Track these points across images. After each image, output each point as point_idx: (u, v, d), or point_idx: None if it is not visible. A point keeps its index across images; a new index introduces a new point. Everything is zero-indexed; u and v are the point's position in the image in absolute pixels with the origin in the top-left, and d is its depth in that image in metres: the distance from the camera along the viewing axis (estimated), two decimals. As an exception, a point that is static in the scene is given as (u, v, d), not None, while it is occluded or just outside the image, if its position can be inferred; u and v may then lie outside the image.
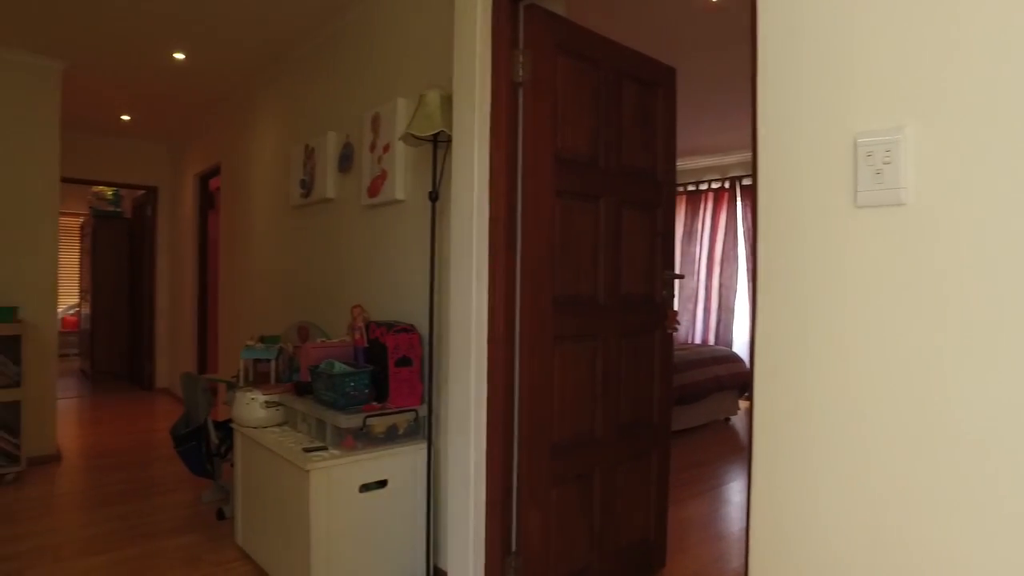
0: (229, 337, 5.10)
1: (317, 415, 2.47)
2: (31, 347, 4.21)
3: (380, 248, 3.05)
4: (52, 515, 3.32)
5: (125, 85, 4.76)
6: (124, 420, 5.53)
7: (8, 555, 2.85)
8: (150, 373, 6.97)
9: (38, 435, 4.26)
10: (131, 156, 6.71)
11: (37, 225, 4.24)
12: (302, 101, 3.91)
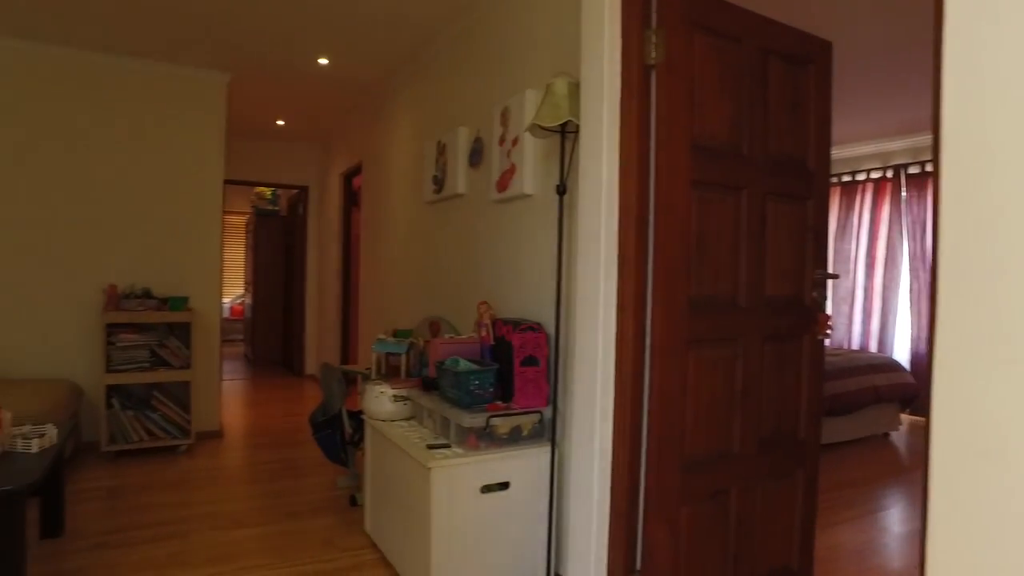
0: (368, 329, 5.33)
1: (442, 412, 2.46)
2: (199, 333, 4.63)
3: (508, 243, 3.01)
4: (213, 486, 3.62)
5: (279, 92, 5.11)
6: (277, 403, 5.96)
7: (179, 518, 3.14)
8: (300, 360, 7.49)
9: (205, 412, 4.69)
10: (286, 158, 7.23)
11: (205, 223, 4.65)
12: (435, 98, 3.97)
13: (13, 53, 4.11)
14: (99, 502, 3.39)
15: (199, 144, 4.62)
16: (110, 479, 3.76)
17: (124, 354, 4.15)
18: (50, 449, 2.63)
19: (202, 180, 4.64)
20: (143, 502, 3.37)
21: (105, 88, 4.35)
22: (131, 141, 4.44)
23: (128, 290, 4.40)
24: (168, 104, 4.53)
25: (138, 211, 4.46)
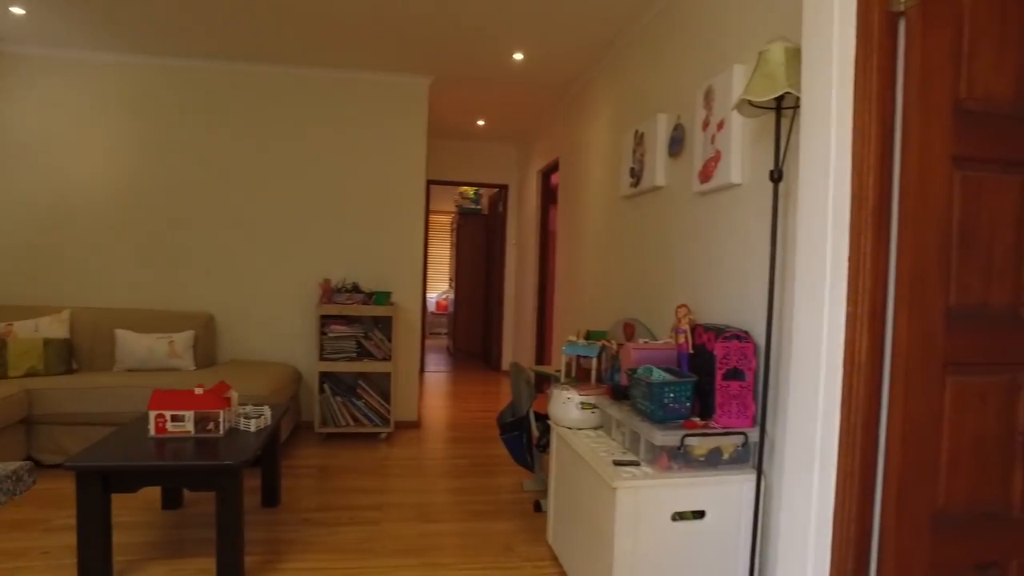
0: (562, 328, 5.24)
1: (632, 426, 2.24)
2: (400, 327, 4.87)
3: (711, 240, 2.69)
4: (407, 476, 3.74)
5: (477, 92, 5.20)
6: (474, 397, 6.12)
7: (374, 505, 3.27)
8: (497, 356, 7.66)
9: (404, 403, 4.93)
10: (486, 157, 7.42)
11: (408, 222, 4.87)
12: (632, 86, 3.73)
13: (242, 75, 4.63)
14: (310, 479, 3.66)
15: (403, 147, 4.85)
16: (320, 458, 4.06)
17: (335, 344, 4.47)
18: (265, 429, 2.85)
19: (406, 181, 4.86)
20: (345, 484, 3.58)
21: (320, 100, 4.74)
22: (343, 147, 4.78)
23: (340, 284, 4.75)
24: (374, 110, 4.81)
25: (349, 211, 4.80)
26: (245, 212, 4.69)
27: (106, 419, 3.72)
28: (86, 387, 3.73)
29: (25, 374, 3.93)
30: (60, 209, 4.54)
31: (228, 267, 4.69)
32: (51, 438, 3.73)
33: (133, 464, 2.36)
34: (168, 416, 2.69)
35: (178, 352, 4.26)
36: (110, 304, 4.61)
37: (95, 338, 4.34)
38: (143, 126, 4.59)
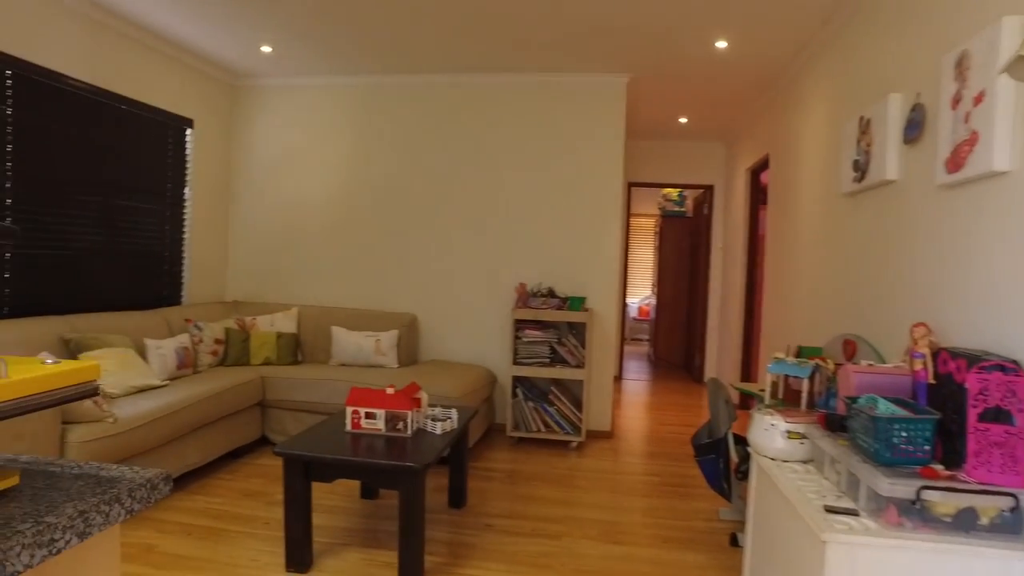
0: (769, 342, 4.74)
1: (850, 466, 1.86)
2: (595, 334, 4.74)
3: (960, 244, 2.18)
4: (595, 490, 3.60)
5: (678, 87, 4.90)
6: (673, 409, 5.80)
7: (558, 517, 3.17)
8: (699, 366, 7.21)
9: (597, 412, 4.79)
10: (691, 157, 7.02)
11: (605, 225, 4.72)
12: (854, 65, 3.20)
13: (443, 87, 4.82)
14: (497, 483, 3.66)
15: (599, 148, 4.72)
16: (509, 463, 4.06)
17: (528, 348, 4.47)
18: (450, 433, 2.88)
19: (602, 183, 4.72)
20: (532, 492, 3.52)
21: (514, 105, 4.77)
22: (538, 151, 4.77)
23: (535, 289, 4.74)
24: (570, 113, 4.73)
25: (545, 215, 4.78)
26: (446, 218, 4.89)
27: (321, 408, 4.07)
28: (306, 378, 4.12)
29: (262, 363, 4.46)
30: (292, 218, 5.11)
31: (431, 270, 4.93)
32: (279, 421, 4.18)
33: (328, 457, 2.50)
34: (362, 413, 2.83)
35: (383, 350, 4.55)
36: (329, 303, 5.08)
37: (316, 333, 4.80)
38: (360, 140, 4.99)
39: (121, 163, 4.14)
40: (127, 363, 3.49)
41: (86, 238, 3.91)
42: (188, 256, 4.79)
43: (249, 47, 4.36)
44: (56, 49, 3.59)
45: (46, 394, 0.70)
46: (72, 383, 0.74)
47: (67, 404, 2.69)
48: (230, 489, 3.42)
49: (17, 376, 0.68)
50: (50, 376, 0.71)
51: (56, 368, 0.72)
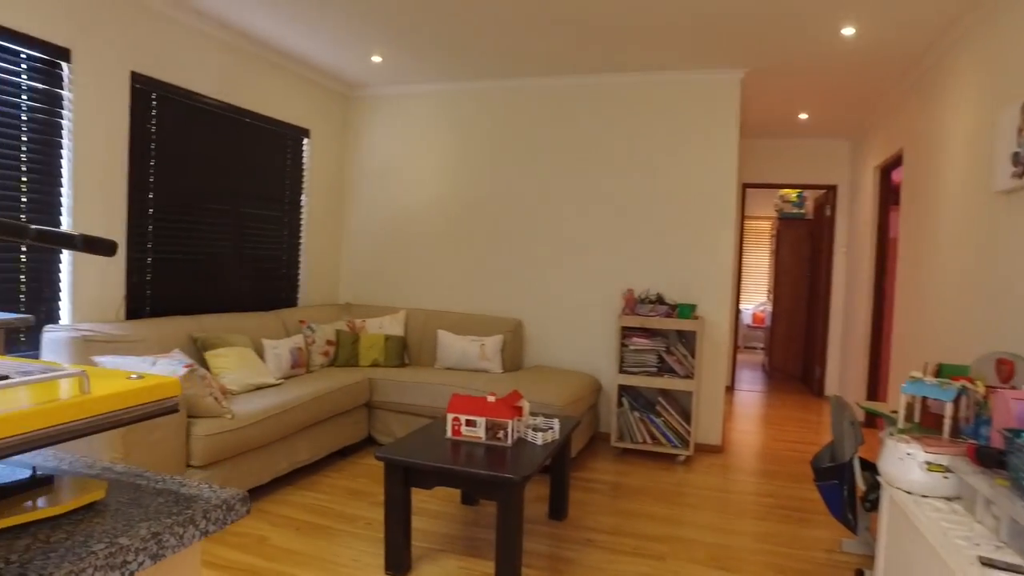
0: (902, 357, 4.31)
1: (1012, 511, 1.61)
2: (706, 343, 4.50)
3: None
4: (703, 509, 3.40)
5: (799, 81, 4.56)
6: (790, 424, 5.42)
7: (662, 536, 3.02)
8: (820, 379, 6.71)
9: (706, 425, 4.55)
10: (811, 156, 6.55)
11: (717, 229, 4.48)
12: (1013, 46, 2.82)
13: (547, 89, 4.74)
14: (599, 495, 3.55)
15: (712, 149, 4.48)
16: (613, 474, 3.93)
17: (635, 357, 4.31)
18: (551, 444, 2.81)
19: (714, 185, 4.48)
20: (635, 508, 3.38)
21: (621, 106, 4.62)
22: (646, 153, 4.60)
23: (643, 295, 4.57)
24: (679, 112, 4.53)
25: (654, 219, 4.60)
26: (552, 222, 4.83)
27: (425, 411, 4.12)
28: (411, 381, 4.19)
29: (370, 364, 4.58)
30: (401, 223, 5.23)
31: (536, 275, 4.88)
32: (385, 422, 4.27)
33: (427, 464, 2.49)
34: (463, 420, 2.81)
35: (488, 355, 4.54)
36: (435, 306, 5.15)
37: (423, 337, 4.88)
38: (466, 146, 5.03)
39: (245, 173, 4.40)
40: (246, 362, 3.68)
41: (215, 243, 4.17)
42: (304, 260, 5.02)
43: (361, 58, 4.50)
44: (192, 70, 3.85)
45: (126, 410, 0.69)
46: (153, 399, 0.72)
47: (190, 403, 2.87)
48: (337, 487, 3.52)
49: (100, 392, 0.67)
50: (131, 392, 0.70)
51: (138, 384, 0.71)
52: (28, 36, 3.00)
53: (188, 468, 2.85)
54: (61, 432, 0.63)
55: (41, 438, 0.62)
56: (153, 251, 3.74)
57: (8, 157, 2.99)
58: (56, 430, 0.63)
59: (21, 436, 0.60)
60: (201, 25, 3.87)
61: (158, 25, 3.63)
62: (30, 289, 3.13)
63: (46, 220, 3.18)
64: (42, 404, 0.63)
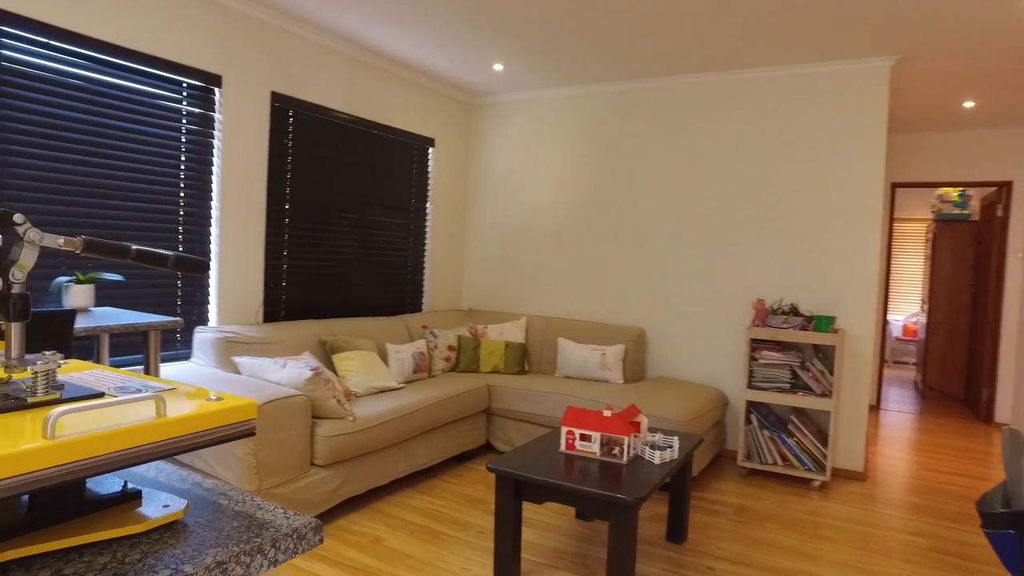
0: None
1: None
2: (846, 358, 4.12)
3: None
4: (842, 543, 3.09)
5: (963, 64, 4.04)
6: (948, 453, 4.83)
7: (794, 570, 2.77)
8: (988, 402, 5.94)
9: (846, 449, 4.15)
10: (978, 149, 5.82)
11: (861, 233, 4.08)
12: None
13: (671, 89, 4.54)
14: (723, 518, 3.33)
15: (853, 146, 4.08)
16: (738, 496, 3.68)
17: (765, 371, 4.02)
18: (669, 464, 2.66)
19: (857, 185, 4.08)
20: (763, 536, 3.13)
21: (752, 104, 4.33)
22: (779, 152, 4.28)
23: (775, 305, 4.26)
24: (816, 107, 4.16)
25: (788, 222, 4.27)
26: (675, 226, 4.63)
27: (543, 420, 4.07)
28: (530, 389, 4.16)
29: (491, 371, 4.61)
30: (523, 230, 5.24)
31: (660, 282, 4.69)
32: (503, 429, 4.28)
33: (538, 478, 2.43)
34: (577, 434, 2.73)
35: (608, 365, 4.42)
36: (556, 313, 5.10)
37: (543, 344, 4.84)
38: (586, 150, 4.95)
39: (373, 183, 4.59)
40: (370, 365, 3.82)
41: (344, 251, 4.39)
42: (428, 266, 5.16)
43: (483, 66, 4.56)
44: (323, 87, 4.08)
45: (201, 434, 0.69)
46: (230, 422, 0.72)
47: (315, 405, 3.01)
48: (453, 493, 3.56)
49: (177, 414, 0.67)
50: (207, 415, 0.69)
51: (214, 407, 0.70)
52: (188, 67, 3.30)
53: (312, 466, 2.99)
54: (133, 456, 0.64)
55: (114, 461, 0.62)
56: (288, 258, 3.99)
57: (170, 175, 3.31)
58: (128, 454, 0.63)
59: (93, 460, 0.61)
60: (332, 43, 4.08)
61: (294, 46, 3.87)
62: (185, 294, 3.43)
63: (198, 231, 3.47)
64: (120, 427, 0.64)
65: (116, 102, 3.07)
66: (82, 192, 2.97)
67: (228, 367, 3.30)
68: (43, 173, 2.84)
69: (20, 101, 2.76)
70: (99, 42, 2.95)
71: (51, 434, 0.59)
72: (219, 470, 2.79)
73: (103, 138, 3.03)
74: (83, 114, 2.95)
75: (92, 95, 2.98)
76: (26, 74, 2.76)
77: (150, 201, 3.24)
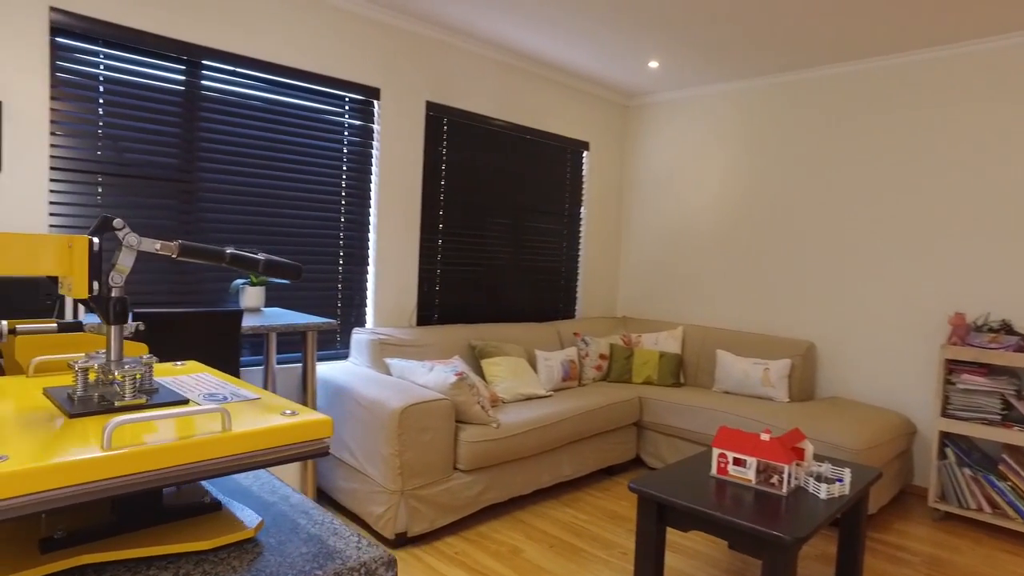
0: None
1: None
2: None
3: None
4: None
5: None
6: None
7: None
8: None
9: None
10: None
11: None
12: None
13: (846, 78, 4.02)
14: (909, 568, 2.87)
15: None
16: (930, 544, 3.16)
17: (966, 398, 3.43)
18: (838, 500, 2.33)
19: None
20: (961, 595, 2.65)
21: (938, 87, 3.71)
22: (978, 139, 3.63)
23: (980, 321, 3.63)
24: None
25: (993, 222, 3.62)
26: (850, 228, 4.12)
27: (698, 437, 3.81)
28: (685, 403, 3.91)
29: (643, 382, 4.41)
30: (680, 234, 4.96)
31: (833, 290, 4.21)
32: (655, 444, 4.06)
33: (683, 503, 2.24)
34: (730, 458, 2.48)
35: (772, 381, 4.04)
36: (715, 323, 4.77)
37: (700, 356, 4.55)
38: (749, 148, 4.57)
39: (527, 187, 4.59)
40: (519, 372, 3.80)
41: (496, 256, 4.43)
42: (582, 272, 5.07)
43: (637, 65, 4.38)
44: (476, 94, 4.14)
45: (268, 451, 0.64)
46: (300, 440, 0.67)
47: (459, 410, 3.03)
48: (597, 508, 3.42)
49: (243, 429, 0.63)
50: (274, 432, 0.65)
51: (283, 424, 0.66)
52: (350, 82, 3.50)
53: (455, 471, 3.01)
54: (193, 472, 0.61)
55: (170, 477, 0.59)
56: (441, 263, 4.09)
57: (332, 185, 3.52)
58: (187, 469, 0.60)
59: (148, 475, 0.58)
60: (484, 51, 4.13)
61: (448, 56, 3.96)
62: (344, 297, 3.63)
63: (357, 237, 3.66)
64: (180, 440, 0.61)
65: (288, 119, 3.32)
66: (260, 203, 3.25)
67: (381, 368, 3.44)
68: (230, 187, 3.14)
69: (214, 124, 3.07)
70: (275, 65, 3.21)
71: (108, 444, 0.57)
72: (368, 467, 2.90)
73: (277, 152, 3.29)
74: (261, 132, 3.23)
75: (269, 114, 3.25)
76: (219, 99, 3.07)
77: (315, 209, 3.47)
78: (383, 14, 3.58)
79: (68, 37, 2.67)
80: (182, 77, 2.96)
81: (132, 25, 2.78)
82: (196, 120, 3.01)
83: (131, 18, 2.78)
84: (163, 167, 2.93)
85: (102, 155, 2.77)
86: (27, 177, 2.59)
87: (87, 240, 0.72)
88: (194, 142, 3.01)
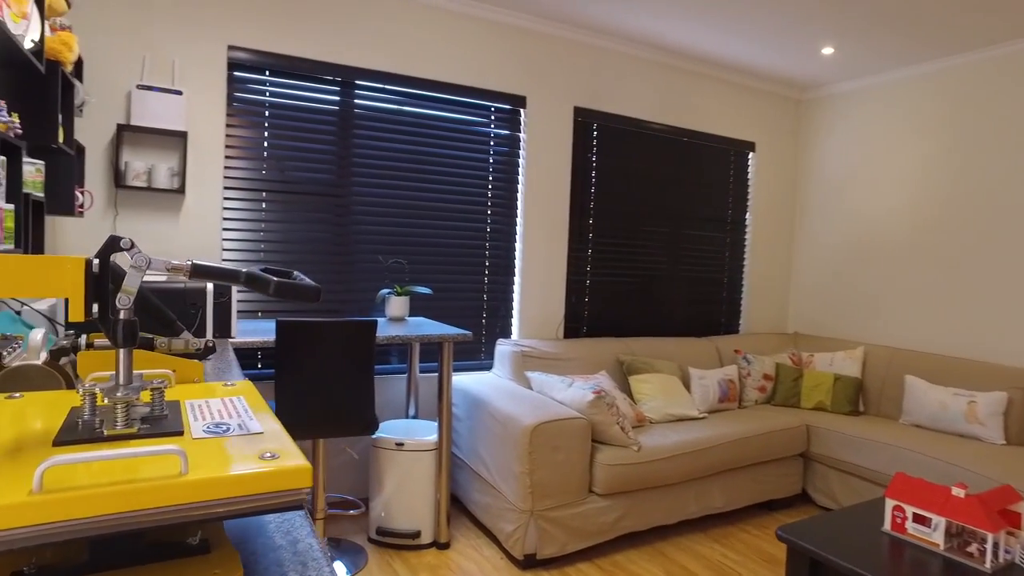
0: None
1: None
2: None
3: None
4: None
5: None
6: None
7: None
8: None
9: None
10: None
11: None
12: None
13: None
14: None
15: None
16: None
17: None
18: (1061, 579, 1.83)
19: None
20: None
21: None
22: None
23: None
24: None
25: None
26: None
27: (878, 477, 3.29)
28: (862, 436, 3.40)
29: (813, 407, 3.93)
30: (863, 240, 4.35)
31: (1067, 313, 3.43)
32: (824, 479, 3.59)
33: (842, 563, 1.89)
34: (909, 513, 2.06)
35: (979, 417, 3.38)
36: (903, 344, 4.11)
37: (885, 381, 3.95)
38: (950, 139, 3.87)
39: (684, 193, 4.30)
40: (669, 390, 3.55)
41: (650, 266, 4.19)
42: (747, 283, 4.65)
43: (808, 52, 3.91)
44: (628, 97, 3.95)
45: (231, 501, 0.57)
46: (269, 490, 0.59)
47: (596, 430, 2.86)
48: (751, 547, 3.06)
49: (198, 476, 0.57)
50: (239, 480, 0.57)
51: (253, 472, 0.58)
52: (496, 91, 3.50)
53: (590, 494, 2.85)
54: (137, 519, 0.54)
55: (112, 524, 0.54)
56: (591, 273, 3.95)
57: (479, 195, 3.54)
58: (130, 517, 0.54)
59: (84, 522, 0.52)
60: (635, 51, 3.93)
61: (596, 59, 3.82)
62: (489, 307, 3.63)
63: (503, 246, 3.64)
64: (125, 484, 0.55)
65: (435, 131, 3.39)
66: (408, 214, 3.35)
67: (522, 381, 3.37)
68: (380, 199, 3.27)
69: (366, 140, 3.22)
70: (422, 80, 3.29)
71: (38, 488, 0.52)
72: (500, 483, 2.84)
73: (425, 165, 3.37)
74: (410, 145, 3.33)
75: (417, 128, 3.34)
76: (370, 116, 3.22)
77: (462, 219, 3.50)
78: (526, 20, 3.53)
79: (242, 70, 2.93)
80: (337, 97, 3.13)
81: (293, 53, 2.99)
82: (350, 137, 3.17)
83: (293, 46, 2.99)
84: (319, 183, 3.12)
85: (266, 174, 3.01)
86: (206, 197, 2.87)
87: (83, 261, 0.71)
88: (347, 158, 3.17)
